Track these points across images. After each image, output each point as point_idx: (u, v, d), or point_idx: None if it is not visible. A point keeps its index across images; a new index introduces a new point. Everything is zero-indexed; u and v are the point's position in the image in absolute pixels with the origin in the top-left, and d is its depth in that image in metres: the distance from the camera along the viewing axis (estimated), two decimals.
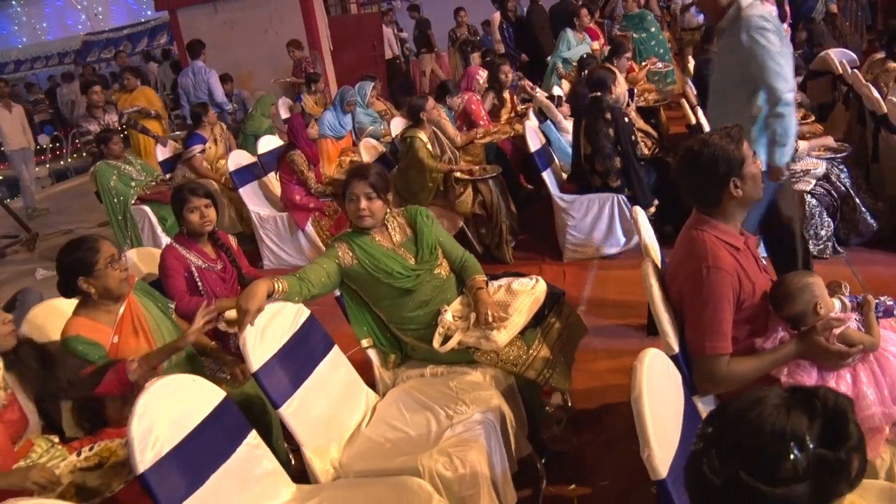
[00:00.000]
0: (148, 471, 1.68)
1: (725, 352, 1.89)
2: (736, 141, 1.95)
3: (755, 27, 2.72)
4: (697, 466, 0.96)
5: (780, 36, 2.77)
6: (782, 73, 2.74)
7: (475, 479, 2.00)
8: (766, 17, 2.75)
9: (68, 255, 2.28)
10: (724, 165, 1.94)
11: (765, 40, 2.72)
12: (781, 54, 2.73)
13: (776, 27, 2.76)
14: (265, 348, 2.17)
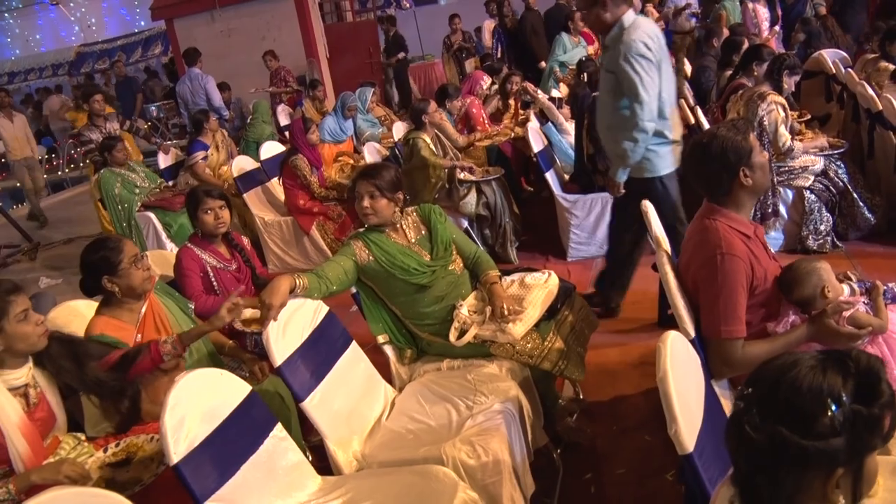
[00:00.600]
0: (181, 462, 1.71)
1: (740, 335, 1.95)
2: (742, 132, 2.02)
3: (634, 53, 2.87)
4: (739, 425, 1.01)
5: (658, 58, 2.91)
6: (648, 102, 2.91)
7: (497, 467, 2.04)
8: (648, 44, 2.88)
9: (92, 254, 2.31)
10: (734, 156, 2.00)
11: (639, 68, 2.87)
12: (658, 77, 2.89)
13: (657, 48, 2.90)
14: (287, 343, 2.21)
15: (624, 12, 2.98)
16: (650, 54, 2.89)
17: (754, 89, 3.82)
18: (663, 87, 2.99)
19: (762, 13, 6.75)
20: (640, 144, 2.99)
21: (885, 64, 4.55)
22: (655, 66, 2.91)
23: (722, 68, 4.97)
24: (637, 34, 2.90)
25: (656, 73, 2.92)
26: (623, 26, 2.95)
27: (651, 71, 2.90)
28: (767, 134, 3.72)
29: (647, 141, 3.00)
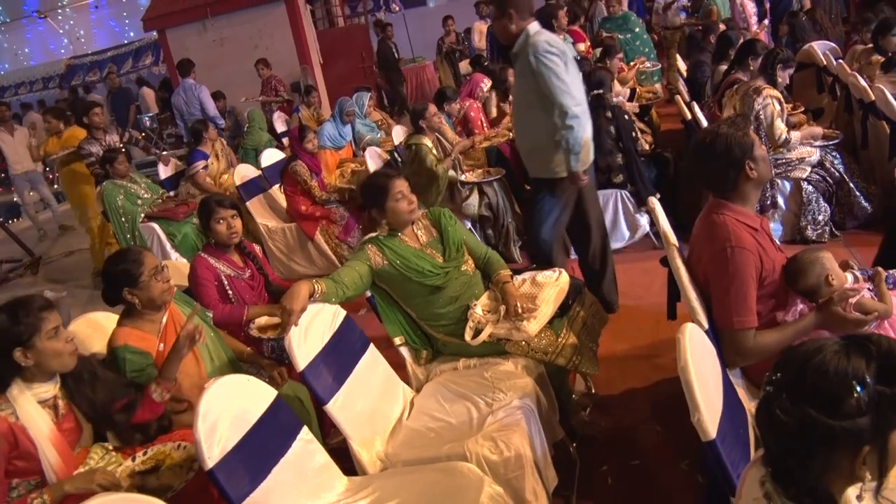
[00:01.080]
0: (216, 467, 1.76)
1: (752, 325, 2.01)
2: (742, 128, 2.08)
3: (541, 51, 3.03)
4: (769, 408, 1.07)
5: (564, 59, 3.06)
6: (568, 90, 3.03)
7: (519, 462, 2.09)
8: (551, 43, 3.05)
9: (114, 266, 2.35)
10: (738, 150, 2.06)
11: (550, 62, 3.02)
12: (567, 72, 3.04)
13: (561, 51, 3.06)
14: (309, 348, 2.26)
15: (529, 24, 3.16)
16: (555, 50, 3.05)
17: (749, 84, 3.89)
18: (577, 90, 3.12)
19: (749, 7, 6.84)
20: (576, 129, 3.06)
21: (877, 56, 4.63)
22: (562, 60, 3.05)
23: (716, 63, 5.05)
24: (541, 37, 3.09)
25: (564, 64, 3.06)
26: (528, 34, 3.14)
27: (560, 63, 3.04)
28: (764, 127, 3.79)
29: (582, 124, 3.08)
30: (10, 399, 2.00)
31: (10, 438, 1.96)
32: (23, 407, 2.01)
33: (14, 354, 1.99)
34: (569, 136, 3.07)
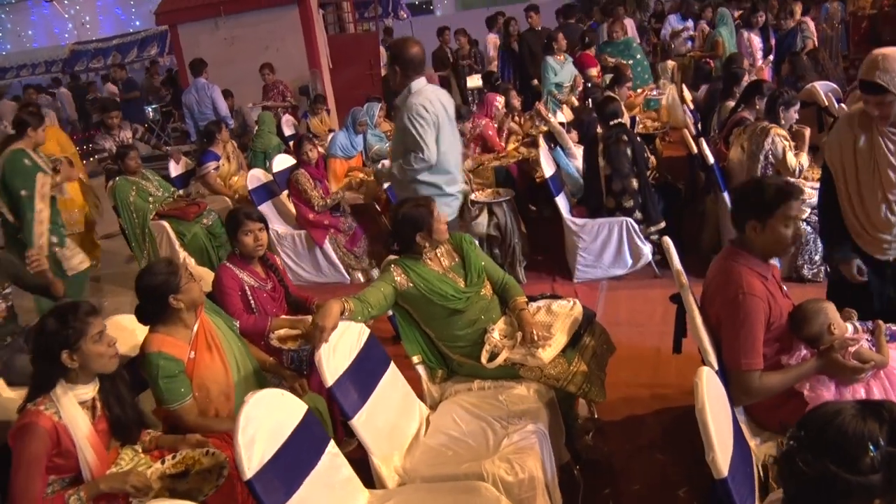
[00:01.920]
0: (254, 477, 1.86)
1: (758, 367, 2.15)
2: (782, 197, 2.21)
3: (414, 113, 3.35)
4: (792, 461, 1.21)
5: (436, 121, 3.39)
6: (422, 155, 3.36)
7: (532, 484, 2.22)
8: (426, 108, 3.35)
9: (154, 279, 2.44)
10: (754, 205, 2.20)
11: (418, 125, 3.34)
12: (429, 134, 3.36)
13: (435, 112, 3.38)
14: (337, 364, 2.37)
15: (414, 80, 3.44)
16: (427, 115, 3.35)
17: (757, 124, 4.04)
18: (441, 143, 3.43)
19: (756, 42, 7.03)
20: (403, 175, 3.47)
21: None
22: (432, 125, 3.37)
23: (723, 99, 5.21)
24: (418, 99, 3.37)
25: (433, 131, 3.37)
26: (410, 91, 3.43)
27: (427, 128, 3.35)
28: (776, 164, 3.95)
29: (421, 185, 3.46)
30: (54, 399, 2.10)
31: (54, 437, 2.06)
32: (65, 407, 2.11)
33: (61, 356, 2.09)
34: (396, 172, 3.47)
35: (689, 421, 3.04)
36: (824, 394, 2.16)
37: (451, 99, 3.67)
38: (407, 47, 3.45)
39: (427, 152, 3.37)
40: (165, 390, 2.41)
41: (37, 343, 2.14)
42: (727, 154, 4.56)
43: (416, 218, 2.73)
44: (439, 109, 3.45)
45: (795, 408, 2.21)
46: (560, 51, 6.87)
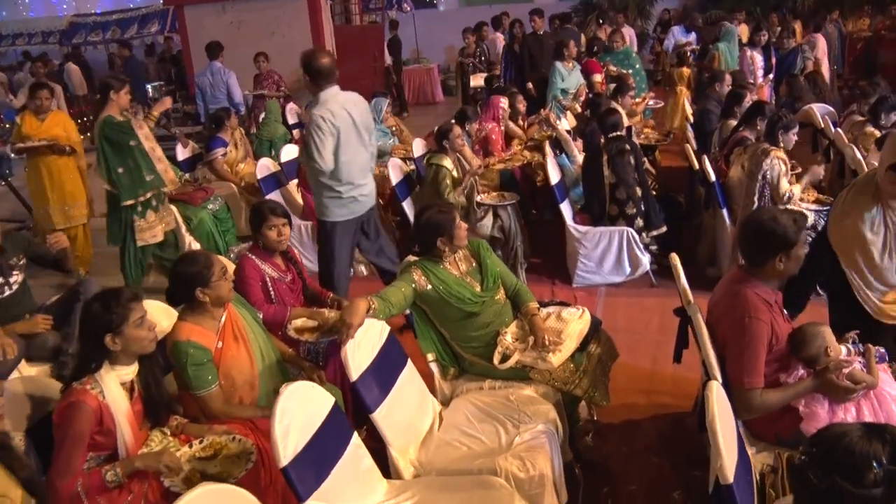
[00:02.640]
0: (289, 465, 1.98)
1: (759, 386, 2.31)
2: (795, 225, 2.36)
3: (312, 125, 3.59)
4: (804, 474, 1.36)
5: (331, 133, 3.60)
6: (321, 158, 3.61)
7: (542, 480, 2.36)
8: (325, 119, 3.58)
9: (188, 267, 2.55)
10: (780, 241, 2.35)
11: (315, 136, 3.58)
12: (326, 143, 3.60)
13: (336, 121, 3.61)
14: (361, 360, 2.49)
15: (324, 89, 3.64)
16: (324, 126, 3.58)
17: (758, 145, 4.20)
18: (342, 153, 3.68)
19: (758, 61, 7.21)
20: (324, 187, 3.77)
21: (872, 129, 5.00)
22: (329, 136, 3.60)
23: (724, 117, 5.37)
24: (320, 110, 3.60)
25: (331, 141, 3.61)
26: (317, 101, 3.65)
27: (325, 138, 3.59)
28: (770, 185, 4.12)
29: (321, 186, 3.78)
30: (98, 379, 2.20)
31: (98, 415, 2.17)
32: (108, 386, 2.21)
33: (105, 339, 2.19)
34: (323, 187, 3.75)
35: (684, 427, 3.24)
36: (818, 410, 2.32)
37: (366, 108, 3.92)
38: (317, 58, 3.64)
39: (321, 162, 3.63)
40: (193, 377, 2.51)
41: (83, 326, 2.24)
42: (727, 172, 4.73)
43: (439, 223, 2.85)
44: (343, 120, 3.65)
45: (790, 422, 2.37)
46: (570, 57, 6.99)
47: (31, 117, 5.44)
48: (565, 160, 5.39)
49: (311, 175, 3.88)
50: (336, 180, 3.74)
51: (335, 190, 3.78)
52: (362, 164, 3.87)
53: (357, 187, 3.85)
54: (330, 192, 3.78)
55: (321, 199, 3.85)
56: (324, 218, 3.89)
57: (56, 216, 5.46)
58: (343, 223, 3.88)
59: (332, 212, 3.85)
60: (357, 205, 3.89)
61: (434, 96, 13.53)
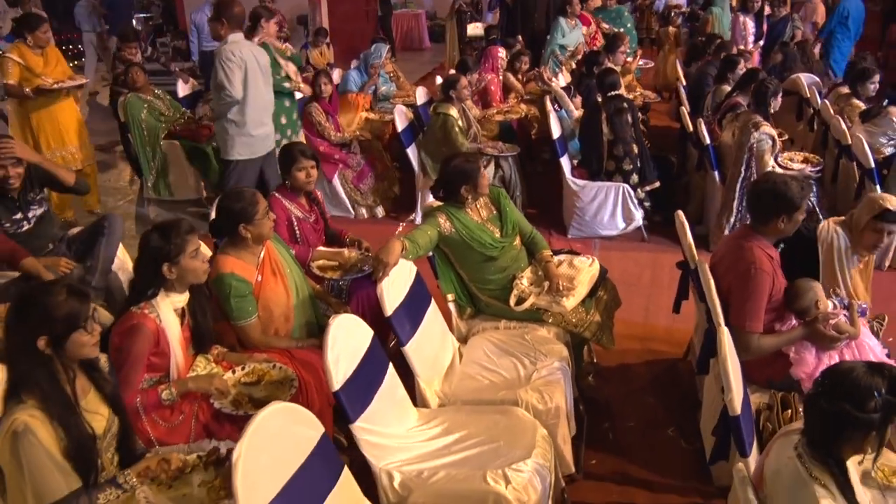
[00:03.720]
0: (340, 389, 2.18)
1: (758, 331, 2.57)
2: (802, 190, 2.59)
3: (222, 57, 3.98)
4: (817, 402, 1.62)
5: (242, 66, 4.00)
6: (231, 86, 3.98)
7: (558, 412, 2.60)
8: (234, 53, 3.99)
9: (234, 203, 2.67)
10: (787, 204, 2.58)
11: (226, 67, 3.96)
12: (235, 77, 3.99)
13: (242, 59, 4.00)
14: (394, 296, 2.68)
15: (232, 33, 4.04)
16: (234, 58, 3.97)
17: (751, 117, 4.40)
18: (249, 88, 4.07)
19: (750, 27, 7.37)
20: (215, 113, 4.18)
21: (857, 102, 5.24)
22: (238, 68, 3.99)
23: (718, 82, 5.56)
24: (230, 47, 4.01)
25: (240, 73, 3.99)
26: (226, 42, 4.03)
27: (234, 70, 3.97)
28: (755, 158, 4.34)
29: (229, 122, 4.12)
30: (155, 304, 2.35)
31: (155, 337, 2.32)
32: (164, 312, 2.36)
33: (162, 268, 2.33)
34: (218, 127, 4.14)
35: (675, 372, 3.52)
36: (807, 356, 2.60)
37: (265, 56, 4.30)
38: (233, 5, 4.05)
39: (231, 90, 3.99)
40: (235, 308, 2.67)
41: (141, 255, 2.37)
42: (720, 135, 4.94)
43: (466, 171, 3.01)
44: (248, 58, 4.06)
45: (781, 367, 2.65)
46: (573, 15, 7.06)
47: (30, 53, 4.95)
48: (563, 114, 5.53)
49: (219, 113, 4.17)
50: (242, 115, 4.10)
51: (241, 125, 4.13)
52: (265, 104, 4.28)
53: (261, 125, 4.24)
54: (235, 127, 4.14)
55: (225, 138, 4.18)
56: (228, 157, 4.24)
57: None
58: (245, 161, 4.23)
59: (237, 150, 4.20)
60: (260, 144, 4.27)
61: (421, 42, 13.42)
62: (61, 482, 1.80)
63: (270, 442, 1.82)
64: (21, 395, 1.82)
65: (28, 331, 1.82)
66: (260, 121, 4.23)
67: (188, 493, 1.96)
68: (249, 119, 4.15)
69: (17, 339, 1.83)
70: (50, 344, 1.83)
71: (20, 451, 1.76)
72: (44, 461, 1.78)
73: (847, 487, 1.64)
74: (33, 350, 1.82)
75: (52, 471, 1.79)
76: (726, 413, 2.23)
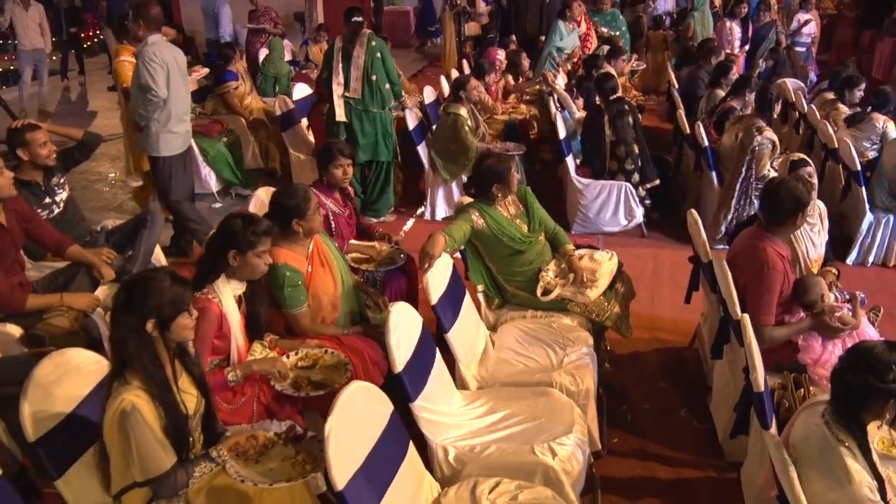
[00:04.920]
0: (403, 370, 2.37)
1: (771, 323, 2.83)
2: (809, 192, 2.86)
3: (145, 58, 4.13)
4: (843, 375, 1.89)
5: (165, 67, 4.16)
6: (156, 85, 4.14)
7: (587, 394, 2.84)
8: (156, 54, 4.15)
9: (288, 200, 2.83)
10: (798, 204, 2.84)
11: (150, 68, 4.12)
12: (159, 77, 4.14)
13: (163, 61, 4.16)
14: (437, 287, 2.88)
15: (150, 34, 4.19)
16: (157, 59, 4.14)
17: (754, 121, 4.68)
18: (171, 87, 4.23)
19: (736, 32, 7.68)
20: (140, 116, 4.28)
21: (842, 107, 5.57)
22: (161, 68, 4.15)
23: (712, 87, 5.85)
24: (152, 48, 4.16)
25: (162, 72, 4.16)
26: (147, 43, 4.19)
27: (158, 70, 4.14)
28: (755, 159, 4.63)
29: (153, 121, 4.26)
30: (217, 290, 2.51)
31: (219, 321, 2.48)
32: (225, 297, 2.52)
33: (228, 253, 2.49)
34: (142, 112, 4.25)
35: (682, 359, 3.77)
36: (814, 344, 2.86)
37: (183, 56, 4.48)
38: (150, 7, 4.19)
39: (157, 89, 4.15)
40: (288, 297, 2.84)
41: (216, 234, 2.53)
42: (716, 137, 5.22)
43: (498, 172, 3.22)
44: (169, 59, 4.22)
45: (788, 352, 2.91)
46: (572, 19, 7.30)
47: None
48: (566, 115, 5.77)
49: (142, 115, 4.26)
50: (167, 113, 4.26)
51: (164, 123, 4.29)
52: (185, 104, 4.49)
53: (181, 122, 4.43)
54: (158, 125, 4.28)
55: (151, 136, 4.30)
56: (157, 154, 4.37)
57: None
58: (173, 157, 4.41)
59: (165, 147, 4.35)
60: (182, 139, 4.47)
61: (408, 39, 13.56)
62: (164, 457, 1.96)
63: (354, 418, 2.01)
64: (126, 376, 1.97)
65: (137, 315, 1.97)
66: (180, 118, 4.40)
67: (274, 468, 2.13)
68: (172, 116, 4.31)
69: (126, 322, 1.98)
70: (157, 326, 1.99)
71: (128, 428, 1.91)
72: (149, 437, 1.94)
73: (867, 449, 1.91)
74: (141, 333, 1.98)
75: (156, 447, 1.95)
76: (747, 391, 2.50)
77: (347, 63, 5.10)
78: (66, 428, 2.14)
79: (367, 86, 5.10)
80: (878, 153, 5.02)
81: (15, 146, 3.47)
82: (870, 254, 4.77)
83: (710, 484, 2.93)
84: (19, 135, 3.47)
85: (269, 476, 2.09)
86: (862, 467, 1.87)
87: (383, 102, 5.20)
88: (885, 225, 4.74)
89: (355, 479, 1.91)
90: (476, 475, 2.35)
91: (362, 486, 1.94)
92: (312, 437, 2.25)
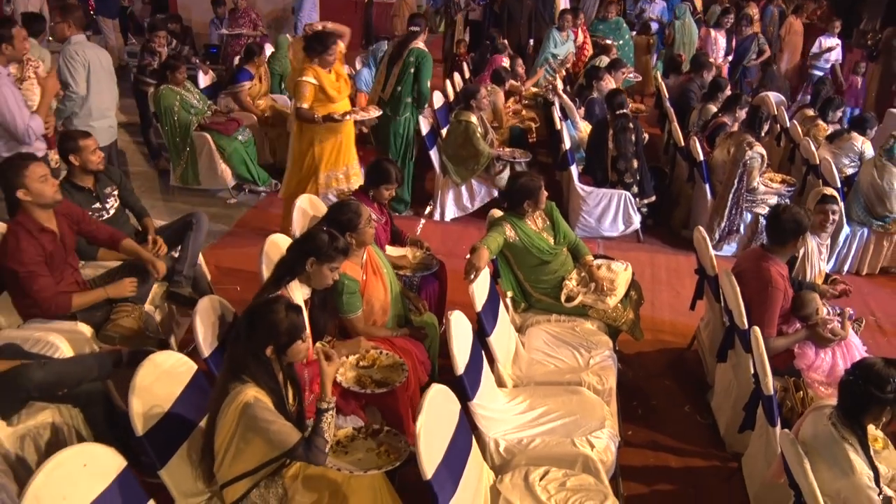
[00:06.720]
0: (464, 372, 2.70)
1: (773, 335, 3.22)
2: (809, 218, 3.26)
3: (66, 56, 4.50)
4: (849, 385, 2.28)
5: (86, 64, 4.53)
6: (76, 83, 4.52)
7: (611, 393, 3.20)
8: (78, 52, 4.51)
9: (341, 215, 3.10)
10: (801, 230, 3.23)
11: (69, 66, 4.48)
12: (79, 73, 4.52)
13: (86, 59, 4.53)
14: (480, 295, 3.20)
15: (74, 33, 4.55)
16: (77, 58, 4.51)
17: (745, 137, 5.09)
18: (93, 84, 4.59)
19: (721, 43, 8.09)
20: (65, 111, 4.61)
21: (823, 124, 6.02)
22: (81, 67, 4.52)
23: (705, 101, 6.24)
24: (73, 47, 4.53)
25: (83, 71, 4.52)
26: (70, 42, 4.54)
27: (78, 68, 4.50)
28: (747, 172, 5.04)
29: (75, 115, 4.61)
30: (290, 291, 2.78)
31: None
32: (296, 298, 2.78)
33: (307, 260, 2.77)
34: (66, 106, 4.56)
35: (683, 359, 4.17)
36: (808, 351, 3.27)
37: (108, 57, 4.85)
38: (77, 8, 4.64)
39: (76, 87, 4.51)
40: (346, 303, 3.12)
41: (303, 240, 2.82)
42: (709, 151, 5.62)
43: (530, 189, 3.54)
44: (92, 58, 4.59)
45: (784, 358, 3.31)
46: (566, 28, 7.61)
47: (324, 73, 4.58)
48: (568, 124, 6.11)
49: (61, 110, 4.56)
50: (88, 110, 4.60)
51: (83, 118, 4.58)
52: (109, 100, 4.81)
53: (103, 118, 4.75)
54: (78, 119, 4.57)
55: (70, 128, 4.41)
56: None
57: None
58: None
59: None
60: (106, 133, 4.77)
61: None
62: (292, 431, 2.19)
63: (436, 415, 2.32)
64: (243, 378, 2.24)
65: (257, 341, 2.25)
66: (102, 114, 4.73)
67: (361, 458, 2.43)
68: (93, 111, 4.64)
69: (247, 347, 2.25)
70: (275, 351, 2.27)
71: (255, 415, 2.14)
72: (275, 417, 2.18)
73: (866, 446, 2.31)
74: (261, 356, 2.26)
75: (283, 423, 2.19)
76: (756, 392, 2.89)
77: (389, 68, 5.42)
78: (167, 423, 2.41)
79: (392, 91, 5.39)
80: (855, 170, 5.48)
81: (67, 153, 3.66)
82: (845, 263, 5.24)
83: (715, 472, 3.33)
84: (72, 141, 3.66)
85: (358, 465, 2.39)
86: (862, 461, 2.27)
87: (398, 110, 5.45)
88: (859, 237, 5.21)
89: (439, 469, 2.23)
90: (525, 465, 2.70)
91: (445, 476, 2.26)
92: (388, 430, 2.55)
